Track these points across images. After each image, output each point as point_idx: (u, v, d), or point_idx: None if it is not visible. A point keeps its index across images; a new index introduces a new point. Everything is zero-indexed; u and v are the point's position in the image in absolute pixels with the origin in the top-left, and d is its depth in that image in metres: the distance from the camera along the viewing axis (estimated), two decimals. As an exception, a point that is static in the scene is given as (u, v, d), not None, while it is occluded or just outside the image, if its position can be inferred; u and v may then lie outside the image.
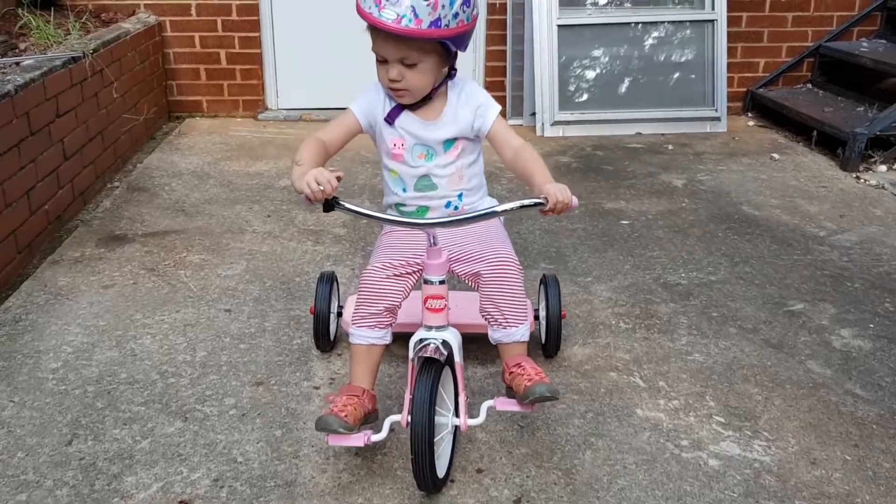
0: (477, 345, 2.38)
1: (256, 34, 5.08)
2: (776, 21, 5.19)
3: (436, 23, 1.80)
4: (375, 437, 1.91)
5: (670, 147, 4.64)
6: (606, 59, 4.91)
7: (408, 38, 1.83)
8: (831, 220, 3.58)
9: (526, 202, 1.80)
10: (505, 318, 2.03)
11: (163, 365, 2.46)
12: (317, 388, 2.35)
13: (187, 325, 2.68)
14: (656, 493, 1.94)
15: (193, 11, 5.00)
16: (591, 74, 4.91)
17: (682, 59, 4.95)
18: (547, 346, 2.44)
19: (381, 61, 1.92)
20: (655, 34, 4.91)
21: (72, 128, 3.59)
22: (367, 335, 2.00)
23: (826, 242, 3.35)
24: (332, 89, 5.19)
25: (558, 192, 1.79)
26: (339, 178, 1.77)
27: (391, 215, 1.90)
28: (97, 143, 3.89)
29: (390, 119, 2.01)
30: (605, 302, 2.86)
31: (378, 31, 1.85)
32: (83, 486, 1.94)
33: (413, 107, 2.01)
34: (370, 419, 1.99)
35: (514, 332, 2.06)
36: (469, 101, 2.04)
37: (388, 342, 2.03)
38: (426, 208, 2.09)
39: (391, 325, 2.03)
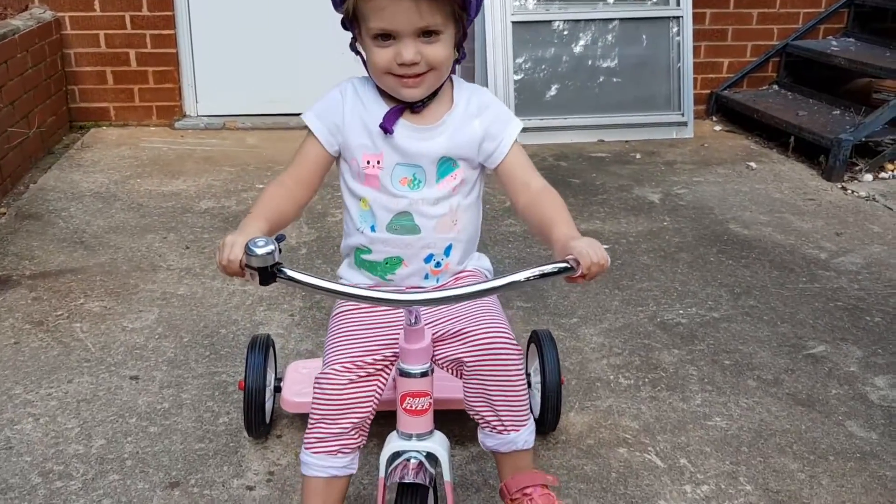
0: (453, 415, 1.87)
1: (171, 31, 4.46)
2: (741, 18, 4.84)
3: None
4: None
5: (638, 156, 4.23)
6: (565, 59, 4.47)
7: None
8: (829, 240, 3.21)
9: (549, 268, 1.29)
10: (501, 421, 1.52)
11: (47, 461, 1.89)
12: (251, 488, 1.82)
13: (81, 401, 2.11)
14: None
15: (97, 6, 4.36)
16: (549, 76, 4.46)
17: (646, 60, 4.54)
18: (543, 420, 1.95)
19: (385, 43, 1.37)
20: (617, 33, 4.50)
21: (-59, 145, 2.95)
22: (327, 465, 1.46)
23: (830, 267, 2.97)
24: (259, 93, 4.61)
25: (592, 250, 1.28)
26: (281, 237, 1.24)
27: (355, 288, 1.34)
28: (-23, 161, 3.25)
29: (388, 126, 1.45)
30: (597, 350, 2.40)
31: None
32: None
33: (413, 106, 1.47)
34: None
35: (516, 438, 1.54)
36: (482, 113, 1.50)
37: (352, 472, 1.50)
38: (399, 260, 1.54)
39: (360, 447, 1.50)
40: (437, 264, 1.56)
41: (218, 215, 3.35)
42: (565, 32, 4.46)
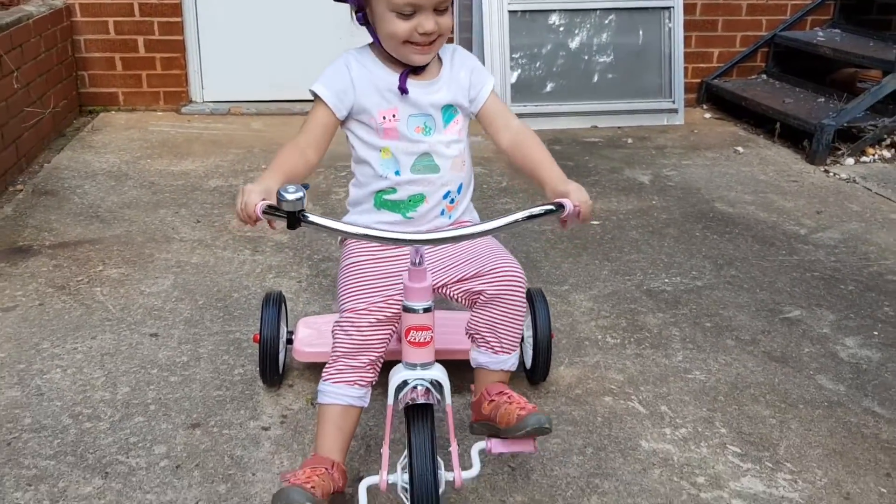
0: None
1: (178, 19, 4.61)
2: (731, 9, 5.00)
3: None
4: None
5: (629, 141, 4.39)
6: (560, 48, 4.63)
7: None
8: (809, 217, 3.38)
9: (538, 210, 1.46)
10: (500, 343, 1.72)
11: (76, 405, 2.04)
12: (266, 428, 1.97)
13: (105, 355, 2.26)
14: (681, 548, 1.65)
15: (107, -7, 4.51)
16: (544, 65, 4.62)
17: (638, 49, 4.70)
18: (534, 372, 2.11)
19: (408, 15, 1.56)
20: (610, 22, 4.66)
21: (-37, 122, 3.10)
22: (345, 393, 1.63)
23: (809, 241, 3.14)
24: (263, 80, 4.77)
25: (579, 192, 1.49)
26: (306, 187, 1.39)
27: (372, 230, 1.49)
28: (-4, 140, 3.40)
29: (403, 87, 1.65)
30: (587, 313, 2.56)
31: None
32: (-28, 575, 1.53)
33: (415, 70, 1.67)
34: (338, 500, 1.61)
35: (507, 359, 1.75)
36: (464, 64, 1.73)
37: (365, 405, 1.67)
38: (421, 197, 1.71)
39: (372, 383, 1.66)
40: (452, 200, 1.74)
41: (226, 193, 3.50)
42: (560, 21, 4.62)
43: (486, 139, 1.82)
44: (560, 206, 1.51)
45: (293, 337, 2.14)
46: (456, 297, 1.73)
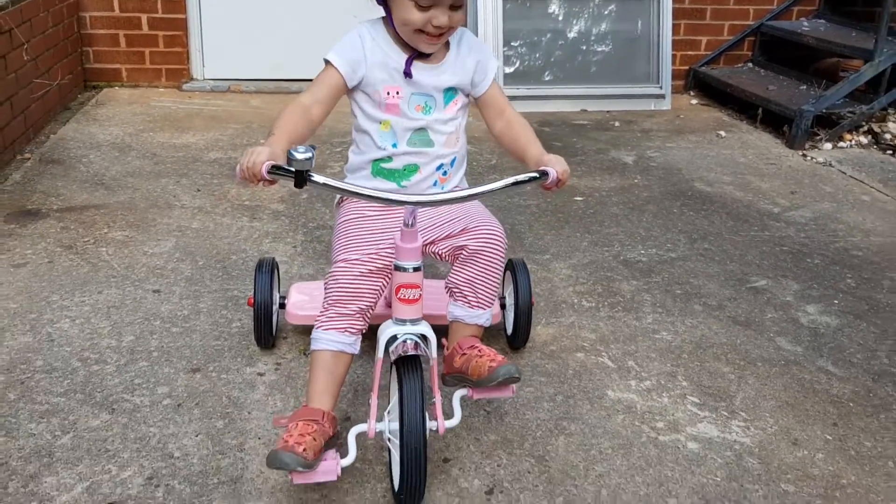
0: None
1: (181, -2, 4.75)
2: (719, -2, 5.15)
3: None
4: (346, 463, 1.64)
5: (617, 124, 4.54)
6: (552, 34, 4.77)
7: None
8: (784, 197, 3.53)
9: (523, 177, 1.63)
10: (477, 297, 1.85)
11: (84, 351, 2.20)
12: (261, 374, 2.13)
13: (111, 308, 2.42)
14: (636, 480, 1.80)
15: (112, -29, 4.64)
16: (536, 50, 4.76)
17: (627, 36, 4.85)
18: (515, 337, 2.25)
19: (425, 8, 1.69)
20: (601, 9, 4.80)
21: (-25, 91, 3.24)
22: (336, 339, 1.75)
23: (781, 219, 3.29)
24: (262, 59, 4.90)
25: (559, 163, 1.67)
26: (314, 147, 1.53)
27: (376, 191, 1.65)
28: (5, 109, 3.53)
29: (409, 71, 1.79)
30: (565, 280, 2.72)
31: None
32: (-8, 491, 1.69)
33: (421, 54, 1.80)
34: (330, 444, 1.70)
35: (480, 314, 1.88)
36: (472, 51, 1.86)
37: (356, 352, 1.79)
38: (416, 167, 1.86)
39: (362, 331, 1.79)
40: (445, 172, 1.89)
41: (225, 165, 3.65)
42: (553, 9, 4.76)
43: (478, 119, 1.96)
44: (544, 173, 1.67)
45: (285, 301, 2.27)
46: (442, 253, 1.87)
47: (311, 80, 1.83)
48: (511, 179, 1.63)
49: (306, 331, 2.25)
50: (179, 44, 4.83)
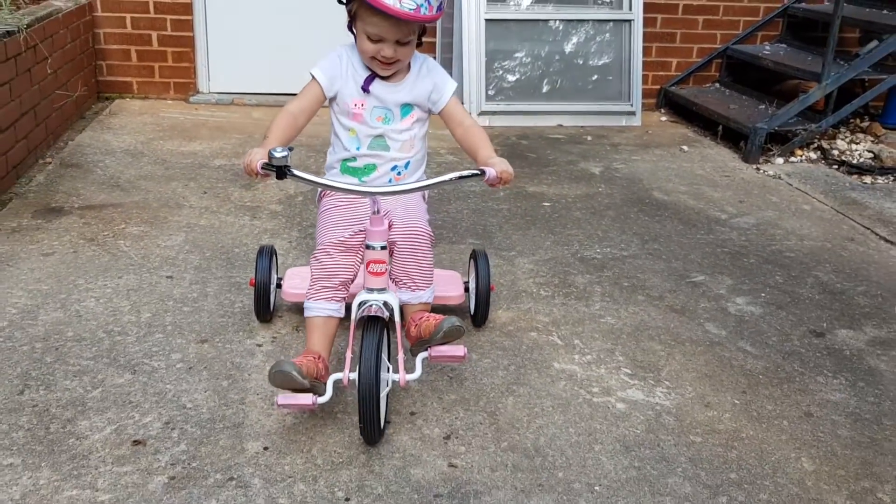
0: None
1: (189, 17, 5.14)
2: (688, 23, 5.55)
3: (440, 6, 2.04)
4: (322, 399, 2.03)
5: (589, 138, 4.93)
6: (531, 53, 5.17)
7: (411, 22, 2.02)
8: (732, 205, 3.92)
9: (466, 173, 2.01)
10: (414, 283, 2.23)
11: (108, 324, 2.57)
12: (260, 345, 2.50)
13: (130, 290, 2.79)
14: (570, 430, 2.17)
15: (126, -8, 5.03)
16: (516, 68, 5.16)
17: (602, 57, 5.25)
18: (476, 316, 2.63)
19: (376, 41, 2.07)
20: (577, 32, 5.20)
21: (5, 101, 3.61)
22: (324, 307, 2.15)
23: (727, 224, 3.68)
24: (263, 75, 5.30)
25: (502, 164, 2.05)
26: (290, 149, 1.93)
27: (341, 183, 2.06)
28: (30, 118, 3.91)
29: (366, 87, 2.18)
30: (527, 273, 3.09)
31: (382, 16, 2.01)
32: (38, 430, 2.05)
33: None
34: (318, 387, 2.05)
35: (422, 294, 2.26)
36: (429, 75, 2.25)
37: (342, 316, 2.18)
38: (374, 166, 2.27)
39: (345, 299, 2.19)
40: (399, 172, 2.29)
41: (229, 170, 4.03)
42: (533, 30, 5.16)
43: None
44: (482, 172, 2.05)
45: (282, 283, 2.65)
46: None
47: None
48: (454, 174, 2.02)
49: (298, 311, 2.64)
50: (187, 59, 5.22)
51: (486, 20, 5.02)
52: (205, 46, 5.26)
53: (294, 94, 2.27)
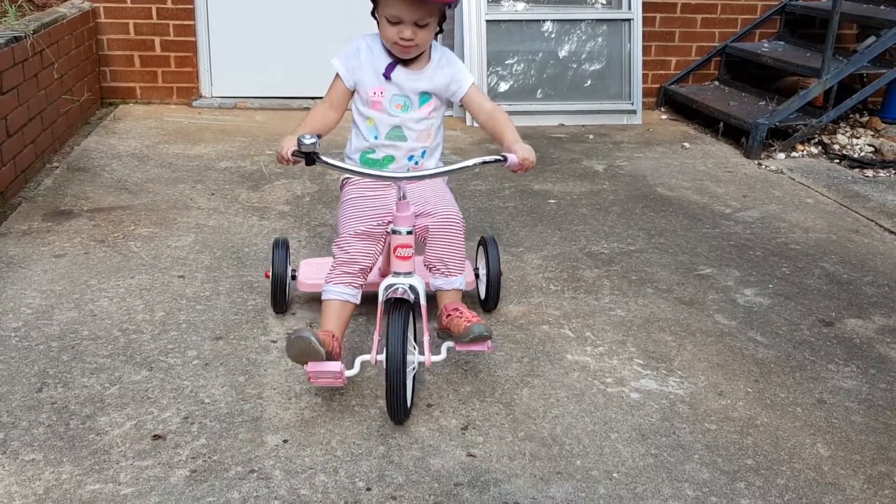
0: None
1: (191, 23, 5.16)
2: (687, 22, 5.59)
3: None
4: (349, 373, 2.09)
5: (591, 137, 4.96)
6: (531, 54, 5.20)
7: (428, 3, 2.06)
8: (736, 200, 3.95)
9: (489, 158, 2.05)
10: (448, 269, 2.26)
11: (123, 323, 2.58)
12: (274, 341, 2.52)
13: (143, 290, 2.80)
14: (585, 420, 2.19)
15: (128, -1, 5.06)
16: (517, 68, 5.19)
17: (602, 56, 5.28)
18: (487, 301, 2.67)
19: (395, 23, 2.11)
20: (577, 32, 5.24)
21: (14, 106, 3.63)
22: (342, 291, 2.19)
23: (731, 218, 3.70)
24: (266, 78, 5.32)
25: (525, 150, 2.09)
26: (319, 136, 1.98)
27: (367, 169, 2.12)
28: (36, 123, 3.92)
29: (388, 75, 2.22)
30: (536, 268, 3.11)
31: None
32: (58, 426, 2.07)
33: (405, 61, 2.22)
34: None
35: (454, 280, 2.28)
36: (448, 66, 2.29)
37: (357, 302, 2.22)
38: (392, 158, 2.30)
39: (362, 286, 2.22)
40: (416, 162, 2.32)
41: (235, 172, 4.05)
42: (533, 31, 5.19)
43: (465, 133, 2.39)
44: (504, 158, 2.09)
45: (296, 273, 2.68)
46: (416, 231, 2.25)
47: (309, 98, 2.31)
48: (477, 160, 2.07)
49: (312, 308, 2.66)
50: (189, 64, 5.25)
51: (487, 21, 5.05)
52: (207, 51, 5.29)
53: (296, 98, 2.34)
